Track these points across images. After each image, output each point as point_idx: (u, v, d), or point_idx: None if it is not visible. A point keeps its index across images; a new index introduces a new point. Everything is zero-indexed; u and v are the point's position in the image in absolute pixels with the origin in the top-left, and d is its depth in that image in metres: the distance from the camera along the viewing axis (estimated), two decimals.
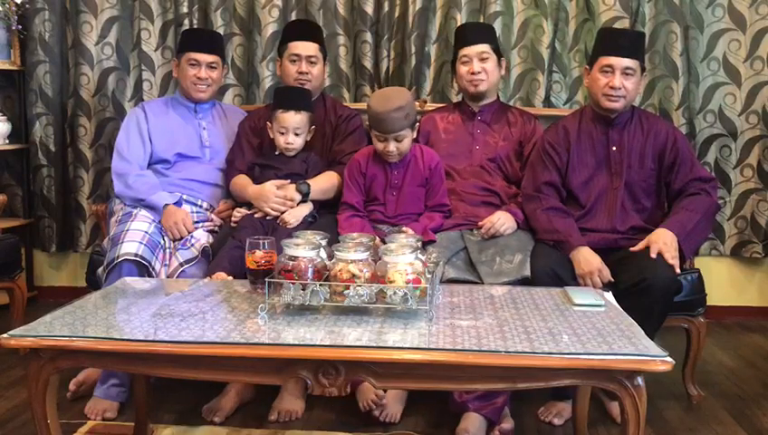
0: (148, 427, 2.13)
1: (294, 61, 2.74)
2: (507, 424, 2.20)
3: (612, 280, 2.30)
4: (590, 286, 2.27)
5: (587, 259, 2.33)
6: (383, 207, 2.57)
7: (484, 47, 2.71)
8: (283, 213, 2.49)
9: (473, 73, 2.69)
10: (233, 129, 2.84)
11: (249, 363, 1.56)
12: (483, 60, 2.70)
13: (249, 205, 2.58)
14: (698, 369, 2.55)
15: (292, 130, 2.56)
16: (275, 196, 2.50)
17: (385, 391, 2.29)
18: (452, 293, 1.97)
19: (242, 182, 2.63)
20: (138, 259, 2.35)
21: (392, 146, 2.48)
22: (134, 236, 2.42)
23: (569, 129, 2.57)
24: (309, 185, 2.55)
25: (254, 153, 2.71)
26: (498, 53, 2.76)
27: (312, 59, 2.76)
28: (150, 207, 2.58)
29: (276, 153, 2.63)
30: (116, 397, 2.35)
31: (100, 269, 2.45)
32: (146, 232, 2.46)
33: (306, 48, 2.75)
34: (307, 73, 2.74)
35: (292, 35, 2.78)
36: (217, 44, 2.88)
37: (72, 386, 2.45)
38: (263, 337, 1.58)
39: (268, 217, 2.49)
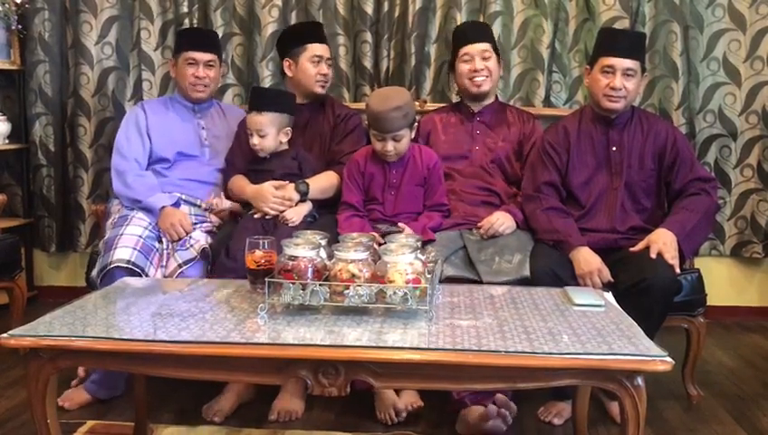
0: (147, 427, 2.13)
1: (317, 62, 2.74)
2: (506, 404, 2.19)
3: (612, 280, 2.30)
4: (589, 286, 2.27)
5: (587, 259, 2.33)
6: (381, 206, 2.57)
7: (487, 45, 2.71)
8: (282, 212, 2.49)
9: (475, 71, 2.68)
10: (232, 128, 2.83)
11: (249, 363, 1.56)
12: (485, 58, 2.70)
13: (248, 205, 2.58)
14: (698, 369, 2.55)
15: (255, 131, 2.55)
16: (274, 196, 2.50)
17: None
18: (452, 293, 1.97)
19: (240, 183, 2.63)
20: (130, 266, 2.35)
21: (390, 145, 2.48)
22: (128, 241, 2.43)
23: (569, 129, 2.57)
24: (308, 184, 2.55)
25: (252, 153, 2.71)
26: (497, 52, 2.76)
27: (330, 61, 2.80)
28: (147, 210, 2.58)
29: (267, 156, 2.62)
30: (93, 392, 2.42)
31: (94, 273, 2.45)
32: (140, 236, 2.46)
33: (325, 50, 2.78)
34: (327, 75, 2.77)
35: (312, 37, 2.77)
36: (214, 43, 2.88)
37: (81, 372, 2.52)
38: (263, 337, 1.58)
39: (267, 217, 2.49)
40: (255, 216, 2.51)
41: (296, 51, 2.76)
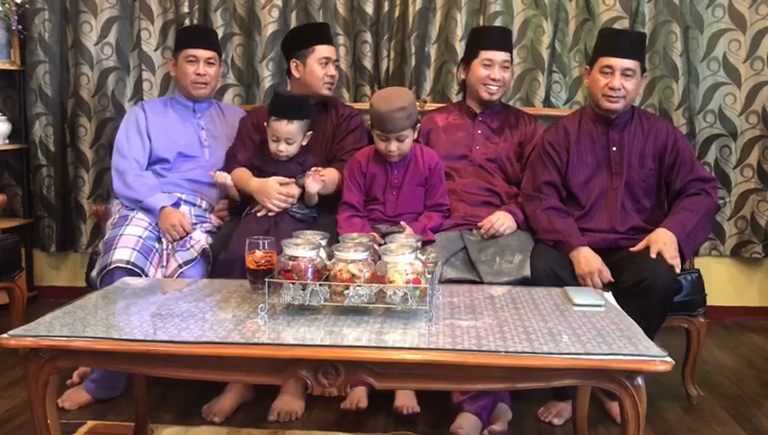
0: (148, 427, 2.13)
1: (325, 64, 2.73)
2: (499, 426, 2.20)
3: (612, 280, 2.30)
4: (590, 287, 2.27)
5: (587, 259, 2.33)
6: (383, 206, 2.57)
7: (508, 56, 2.71)
8: (284, 210, 2.50)
9: (493, 79, 2.68)
10: (231, 128, 2.83)
11: (249, 363, 1.56)
12: (504, 68, 2.70)
13: (249, 200, 2.59)
14: (698, 369, 2.55)
15: (283, 139, 2.55)
16: (278, 192, 2.50)
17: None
18: (452, 293, 1.97)
19: (243, 175, 2.61)
20: (130, 267, 2.35)
21: (394, 145, 2.48)
22: (127, 241, 2.43)
23: (569, 128, 2.57)
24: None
25: (256, 149, 2.71)
26: (513, 60, 2.77)
27: (336, 63, 2.80)
28: (147, 210, 2.58)
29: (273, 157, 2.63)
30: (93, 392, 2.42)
31: (94, 273, 2.45)
32: (140, 237, 2.47)
33: (332, 52, 2.78)
34: (334, 76, 2.76)
35: (320, 39, 2.76)
36: (214, 40, 2.89)
37: (75, 378, 2.51)
38: (263, 337, 1.58)
39: (270, 214, 2.49)
40: (259, 214, 2.51)
41: (304, 52, 2.74)
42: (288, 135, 2.55)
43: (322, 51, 2.74)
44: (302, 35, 2.82)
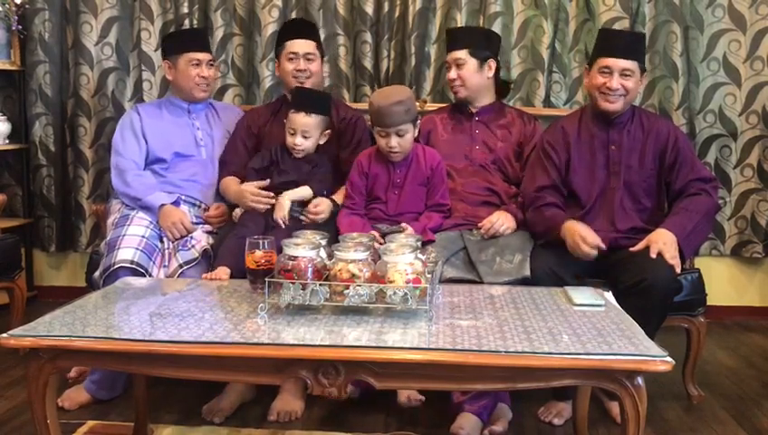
0: (147, 427, 2.13)
1: (292, 59, 2.75)
2: (499, 426, 2.20)
3: (603, 246, 2.30)
4: (586, 254, 2.27)
5: (571, 231, 2.31)
6: (384, 205, 2.57)
7: (460, 53, 2.69)
8: (272, 208, 2.51)
9: (451, 79, 2.71)
10: (227, 126, 2.85)
11: (249, 363, 1.56)
12: (459, 66, 2.69)
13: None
14: (698, 369, 2.55)
15: (300, 131, 2.56)
16: (251, 193, 2.52)
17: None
18: (452, 293, 1.98)
19: (227, 184, 2.68)
20: (134, 266, 2.35)
21: (394, 141, 2.48)
22: (130, 241, 2.43)
23: (567, 129, 2.56)
24: (338, 204, 2.58)
25: (249, 154, 2.73)
26: (480, 56, 2.70)
27: (310, 56, 2.77)
28: (147, 208, 2.58)
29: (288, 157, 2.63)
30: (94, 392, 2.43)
31: (97, 273, 2.45)
32: (143, 236, 2.47)
33: (302, 46, 2.76)
34: (305, 70, 2.75)
35: (289, 34, 2.79)
36: (208, 42, 2.94)
37: (72, 373, 2.53)
38: (263, 337, 1.58)
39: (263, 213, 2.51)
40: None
41: (279, 50, 2.81)
42: (305, 127, 2.55)
43: (289, 46, 2.76)
44: (280, 34, 2.87)
